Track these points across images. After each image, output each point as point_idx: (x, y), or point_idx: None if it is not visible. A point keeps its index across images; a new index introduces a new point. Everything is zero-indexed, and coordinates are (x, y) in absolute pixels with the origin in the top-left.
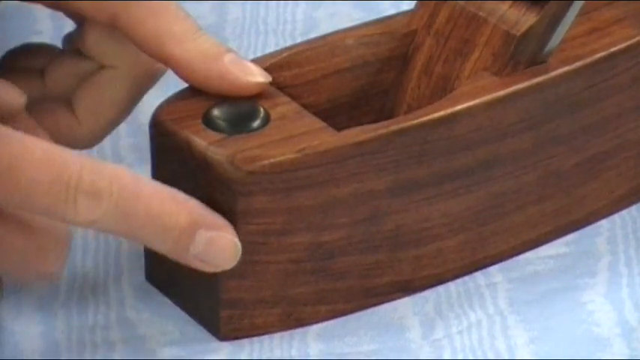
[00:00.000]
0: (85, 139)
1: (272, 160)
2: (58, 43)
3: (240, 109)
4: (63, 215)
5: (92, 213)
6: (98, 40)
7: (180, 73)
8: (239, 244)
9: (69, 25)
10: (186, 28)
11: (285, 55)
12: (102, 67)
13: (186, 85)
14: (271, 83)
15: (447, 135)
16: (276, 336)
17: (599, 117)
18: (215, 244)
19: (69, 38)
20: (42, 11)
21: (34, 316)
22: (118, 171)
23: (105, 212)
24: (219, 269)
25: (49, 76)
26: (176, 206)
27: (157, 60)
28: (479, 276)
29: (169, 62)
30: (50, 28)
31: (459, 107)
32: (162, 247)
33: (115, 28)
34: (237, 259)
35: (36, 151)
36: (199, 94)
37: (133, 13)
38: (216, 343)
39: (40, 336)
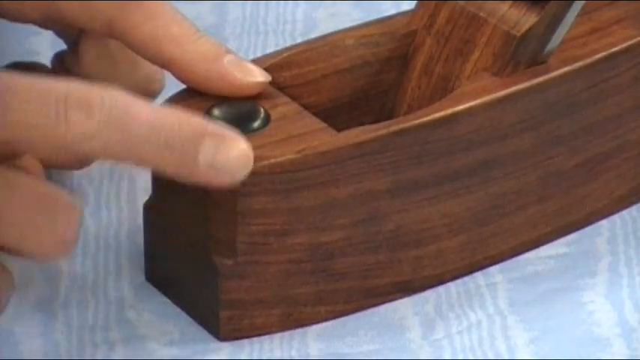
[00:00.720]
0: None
1: (272, 161)
2: (59, 44)
3: (240, 110)
4: (56, 135)
5: (85, 126)
6: (94, 60)
7: (180, 75)
8: (250, 149)
9: None
10: (185, 30)
11: (285, 55)
12: None
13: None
14: (271, 83)
15: (447, 135)
16: (276, 336)
17: (600, 117)
18: (225, 149)
19: (59, 58)
20: None
21: (34, 316)
22: (108, 87)
23: (99, 125)
24: (234, 179)
25: None
26: (177, 117)
27: (155, 64)
28: (479, 276)
29: (169, 65)
30: None
31: (459, 108)
32: (169, 162)
33: (111, 37)
34: (251, 165)
35: (19, 82)
36: (199, 94)
37: (129, 17)
38: (216, 344)
39: (40, 336)
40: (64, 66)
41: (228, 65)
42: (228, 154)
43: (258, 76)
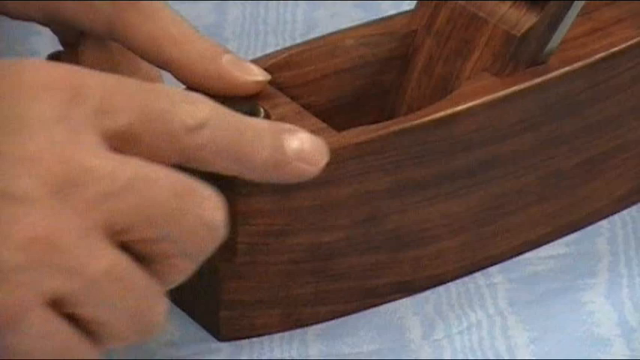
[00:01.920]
0: None
1: None
2: (58, 43)
3: (240, 110)
4: (181, 121)
5: (202, 112)
6: (93, 63)
7: (179, 75)
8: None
9: None
10: (183, 31)
11: (285, 55)
12: None
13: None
14: (271, 83)
15: (447, 135)
16: (276, 336)
17: (600, 117)
18: (303, 138)
19: (55, 59)
20: None
21: None
22: None
23: (211, 113)
24: (320, 167)
25: None
26: (258, 119)
27: (155, 64)
28: (479, 276)
29: (168, 65)
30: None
31: (459, 108)
32: (262, 154)
33: (111, 38)
34: (328, 153)
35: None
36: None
37: (128, 18)
38: (216, 344)
39: None
40: None
41: (227, 64)
42: (309, 142)
43: (257, 75)
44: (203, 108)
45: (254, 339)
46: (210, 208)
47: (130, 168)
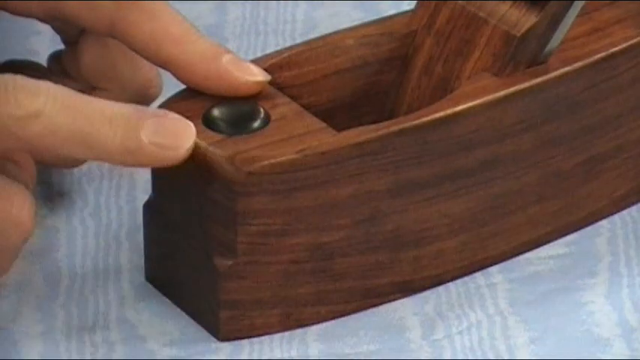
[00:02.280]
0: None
1: (272, 161)
2: (58, 43)
3: (240, 110)
4: (7, 112)
5: (34, 103)
6: (93, 61)
7: (179, 75)
8: (190, 122)
9: None
10: (184, 30)
11: (285, 55)
12: (93, 89)
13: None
14: (271, 83)
15: (447, 135)
16: (276, 337)
17: (600, 117)
18: (166, 123)
19: (56, 58)
20: None
21: (34, 316)
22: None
23: (46, 102)
24: (179, 153)
25: None
26: (118, 103)
27: (155, 63)
28: (479, 276)
29: (168, 64)
30: (50, 28)
31: (459, 108)
32: (114, 141)
33: (112, 37)
34: (194, 136)
35: None
36: (199, 94)
37: (130, 16)
38: (216, 344)
39: (40, 336)
40: (60, 66)
41: (227, 65)
42: (170, 126)
43: (258, 75)
44: (37, 96)
45: (254, 339)
46: (17, 203)
47: None
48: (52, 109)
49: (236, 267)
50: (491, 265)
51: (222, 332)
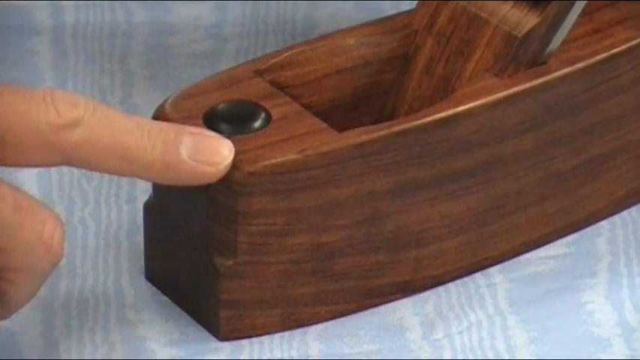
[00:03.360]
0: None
1: (273, 161)
2: (58, 42)
3: (241, 110)
4: (47, 121)
5: (73, 112)
6: None
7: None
8: (229, 141)
9: (69, 25)
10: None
11: (285, 55)
12: None
13: (187, 84)
14: (272, 83)
15: (448, 136)
16: (276, 336)
17: (600, 118)
18: (204, 140)
19: None
20: (42, 11)
21: (34, 316)
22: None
23: (85, 112)
24: (218, 170)
25: None
26: (157, 121)
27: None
28: (479, 276)
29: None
30: (50, 28)
31: (460, 108)
32: (152, 155)
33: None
34: (232, 153)
35: (5, 86)
36: (200, 94)
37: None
38: (216, 344)
39: (40, 336)
40: None
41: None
42: (208, 143)
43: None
44: (76, 107)
45: (254, 339)
46: (50, 227)
47: None
48: (91, 119)
49: (236, 267)
50: (491, 266)
51: (222, 332)
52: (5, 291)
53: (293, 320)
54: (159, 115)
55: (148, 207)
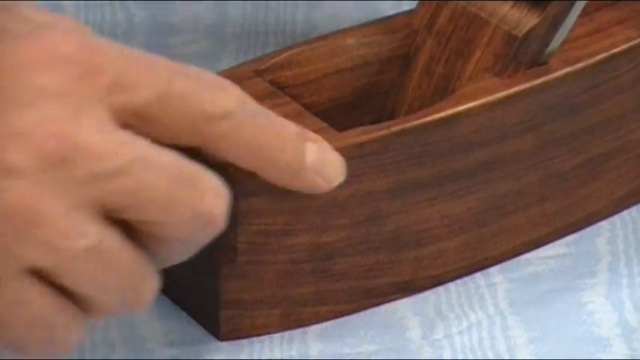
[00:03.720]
0: None
1: None
2: None
3: None
4: (201, 107)
5: (225, 103)
6: None
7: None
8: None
9: None
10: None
11: (285, 55)
12: None
13: None
14: (272, 83)
15: (448, 136)
16: (276, 336)
17: (600, 118)
18: (325, 152)
19: None
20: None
21: None
22: None
23: (237, 102)
24: (332, 185)
25: None
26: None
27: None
28: (479, 276)
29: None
30: None
31: (460, 108)
32: (281, 157)
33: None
34: (345, 173)
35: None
36: None
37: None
38: (216, 344)
39: None
40: None
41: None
42: (328, 156)
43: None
44: (229, 98)
45: (254, 339)
46: (210, 199)
47: (133, 149)
48: (241, 112)
49: (236, 267)
50: (491, 265)
51: (223, 332)
52: (160, 253)
53: (293, 320)
54: None
55: None
